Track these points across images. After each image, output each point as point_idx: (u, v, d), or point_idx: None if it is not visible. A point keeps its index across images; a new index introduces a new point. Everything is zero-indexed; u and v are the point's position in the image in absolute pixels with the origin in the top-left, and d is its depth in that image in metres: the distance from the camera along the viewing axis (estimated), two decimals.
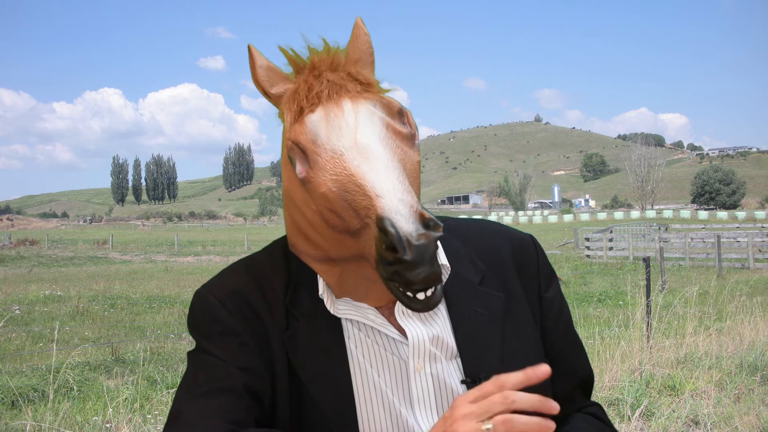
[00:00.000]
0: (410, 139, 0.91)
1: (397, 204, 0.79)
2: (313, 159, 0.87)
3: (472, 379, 0.98)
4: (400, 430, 0.96)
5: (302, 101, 0.91)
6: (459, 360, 1.00)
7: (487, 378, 0.98)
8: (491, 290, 1.05)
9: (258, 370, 0.96)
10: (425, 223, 0.78)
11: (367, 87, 0.92)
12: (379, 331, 0.99)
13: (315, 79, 0.92)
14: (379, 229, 0.78)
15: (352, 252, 0.90)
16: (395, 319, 1.00)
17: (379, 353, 0.99)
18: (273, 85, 0.96)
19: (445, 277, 1.02)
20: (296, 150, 0.88)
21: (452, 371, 1.00)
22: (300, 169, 0.88)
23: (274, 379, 0.98)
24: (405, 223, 0.77)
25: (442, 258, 1.02)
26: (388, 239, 0.77)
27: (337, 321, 1.00)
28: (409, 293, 0.81)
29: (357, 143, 0.85)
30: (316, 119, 0.88)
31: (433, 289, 0.82)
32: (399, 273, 0.78)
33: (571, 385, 1.12)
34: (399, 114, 0.92)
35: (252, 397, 0.94)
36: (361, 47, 0.97)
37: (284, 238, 1.08)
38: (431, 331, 0.99)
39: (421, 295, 0.81)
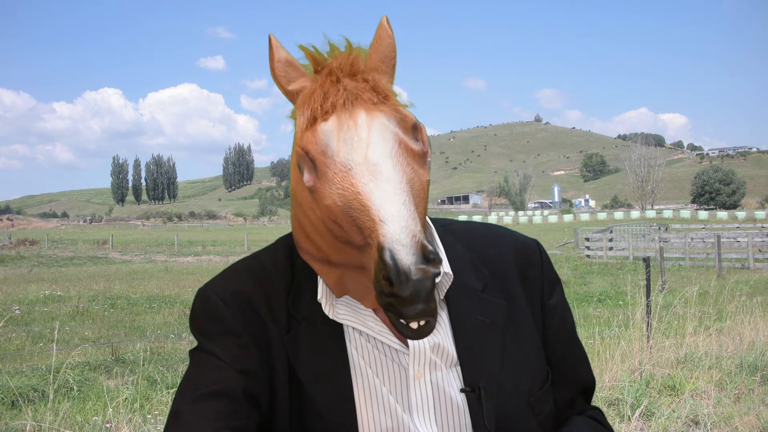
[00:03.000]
0: (422, 157, 0.89)
1: (399, 232, 0.77)
2: (321, 170, 0.85)
3: (471, 388, 0.98)
4: None
5: (316, 109, 0.88)
6: (459, 368, 1.00)
7: (485, 387, 0.98)
8: (493, 298, 1.05)
9: (257, 373, 0.96)
10: (426, 255, 0.76)
11: (383, 99, 0.91)
12: (378, 339, 0.99)
13: (332, 86, 0.90)
14: (379, 257, 0.77)
15: (353, 261, 0.89)
16: None
17: (380, 359, 0.99)
18: (290, 81, 0.94)
19: (446, 286, 1.01)
20: (305, 158, 0.87)
21: (452, 379, 0.99)
22: (308, 177, 0.87)
23: (273, 382, 0.97)
24: (405, 254, 0.75)
25: (446, 266, 1.01)
26: (386, 271, 0.75)
27: (338, 325, 0.99)
28: (402, 321, 0.80)
29: (367, 160, 0.83)
30: (328, 129, 0.86)
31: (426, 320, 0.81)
32: (393, 306, 0.77)
33: (573, 393, 1.12)
34: (413, 129, 0.90)
35: (250, 401, 0.94)
36: (384, 50, 0.95)
37: (289, 236, 1.07)
38: (432, 339, 0.99)
39: (414, 324, 0.80)
